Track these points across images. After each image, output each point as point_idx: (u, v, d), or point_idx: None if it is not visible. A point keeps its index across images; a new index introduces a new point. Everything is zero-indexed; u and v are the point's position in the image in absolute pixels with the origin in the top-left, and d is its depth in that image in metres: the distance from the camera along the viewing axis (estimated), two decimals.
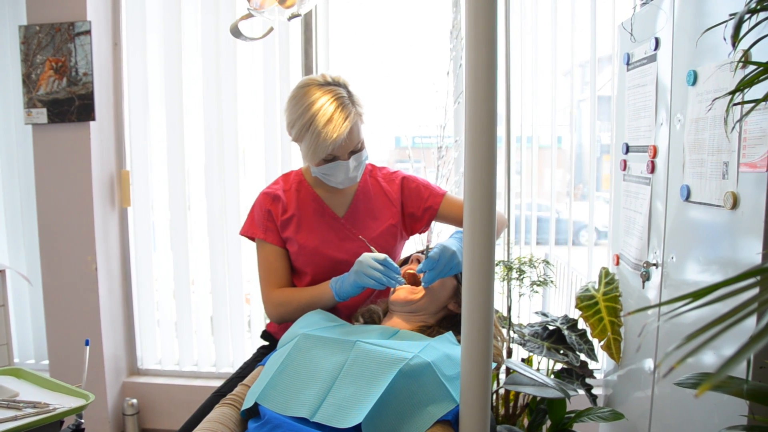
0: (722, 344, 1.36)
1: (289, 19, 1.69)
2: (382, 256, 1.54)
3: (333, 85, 1.59)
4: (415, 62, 2.67)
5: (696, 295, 0.72)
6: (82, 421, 1.75)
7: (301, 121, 1.55)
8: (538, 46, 2.65)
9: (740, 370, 1.10)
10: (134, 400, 2.91)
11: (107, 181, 2.84)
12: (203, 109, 2.82)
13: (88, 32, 2.62)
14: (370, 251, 1.61)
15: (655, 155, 1.84)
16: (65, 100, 2.66)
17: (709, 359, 1.47)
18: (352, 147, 1.62)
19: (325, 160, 1.61)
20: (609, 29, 2.59)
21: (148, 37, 2.81)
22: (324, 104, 1.54)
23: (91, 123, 2.70)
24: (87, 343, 1.89)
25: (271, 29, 1.93)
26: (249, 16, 1.77)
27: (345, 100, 1.57)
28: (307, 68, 2.28)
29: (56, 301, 2.80)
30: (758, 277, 0.66)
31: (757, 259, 1.27)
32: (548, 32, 2.64)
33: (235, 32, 1.84)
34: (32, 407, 1.50)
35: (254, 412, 1.31)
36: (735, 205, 1.37)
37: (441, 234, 2.43)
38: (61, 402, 1.56)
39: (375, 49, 2.71)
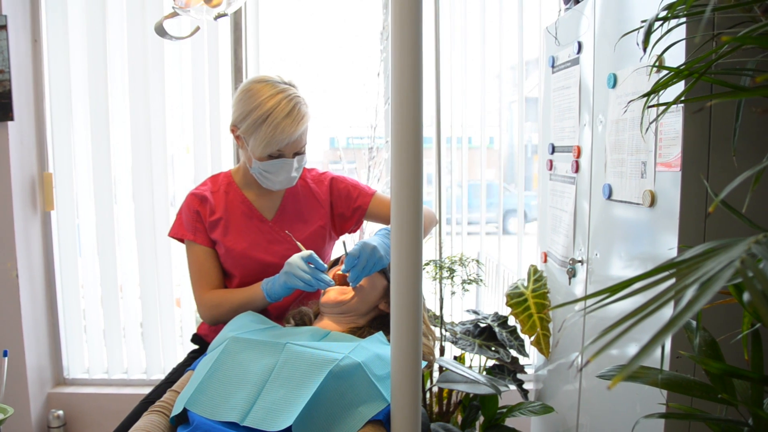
0: (646, 337, 1.41)
1: (216, 18, 1.67)
2: (308, 252, 1.56)
3: (289, 85, 1.63)
4: (346, 63, 2.67)
5: (613, 289, 0.75)
6: None
7: (258, 112, 1.56)
8: (467, 49, 2.69)
9: (659, 361, 1.15)
10: (60, 412, 2.80)
11: (28, 183, 2.72)
12: (130, 109, 2.73)
13: (3, 27, 2.50)
14: (299, 250, 1.61)
15: (579, 155, 1.90)
16: None
17: (634, 352, 1.52)
18: (299, 147, 1.64)
19: (271, 156, 1.61)
20: (537, 33, 2.66)
21: (71, 33, 2.70)
22: (284, 99, 1.57)
23: (9, 123, 2.57)
24: (5, 354, 1.81)
25: (198, 28, 1.90)
26: (174, 14, 1.73)
27: (301, 100, 1.61)
28: (237, 69, 2.26)
29: None
30: (673, 270, 0.69)
31: (672, 253, 1.33)
32: (478, 35, 2.69)
33: (160, 31, 1.80)
34: None
35: (183, 418, 1.29)
36: (653, 202, 1.42)
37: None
38: None
39: (306, 49, 2.69)
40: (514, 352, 2.17)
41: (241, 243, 1.70)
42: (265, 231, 1.74)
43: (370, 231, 2.54)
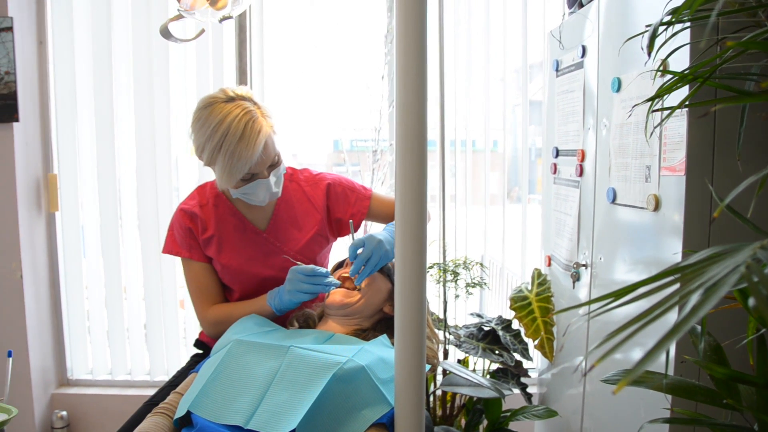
0: (650, 341, 1.41)
1: (221, 21, 1.67)
2: (309, 267, 1.53)
3: (238, 99, 1.50)
4: (350, 65, 2.68)
5: (617, 294, 0.75)
6: None
7: (212, 143, 1.46)
8: (472, 52, 2.70)
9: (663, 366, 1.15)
10: (64, 413, 2.80)
11: (33, 184, 2.73)
12: (134, 111, 2.74)
13: (9, 29, 2.51)
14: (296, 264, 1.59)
15: (583, 159, 1.90)
16: None
17: (638, 356, 1.52)
18: (270, 162, 1.55)
19: (244, 180, 1.53)
20: (541, 36, 2.66)
21: (76, 35, 2.71)
22: (233, 121, 1.44)
23: (15, 124, 2.58)
24: (9, 355, 1.81)
25: (203, 31, 1.90)
26: (179, 17, 1.74)
27: (254, 113, 1.48)
28: (242, 71, 2.26)
29: None
30: (678, 275, 0.69)
31: (676, 258, 1.33)
32: (482, 38, 2.69)
33: (165, 33, 1.80)
34: None
35: (187, 420, 1.29)
36: (657, 207, 1.42)
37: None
38: None
39: (310, 52, 2.70)
40: (517, 356, 2.17)
41: (237, 259, 1.66)
42: (260, 243, 1.69)
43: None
